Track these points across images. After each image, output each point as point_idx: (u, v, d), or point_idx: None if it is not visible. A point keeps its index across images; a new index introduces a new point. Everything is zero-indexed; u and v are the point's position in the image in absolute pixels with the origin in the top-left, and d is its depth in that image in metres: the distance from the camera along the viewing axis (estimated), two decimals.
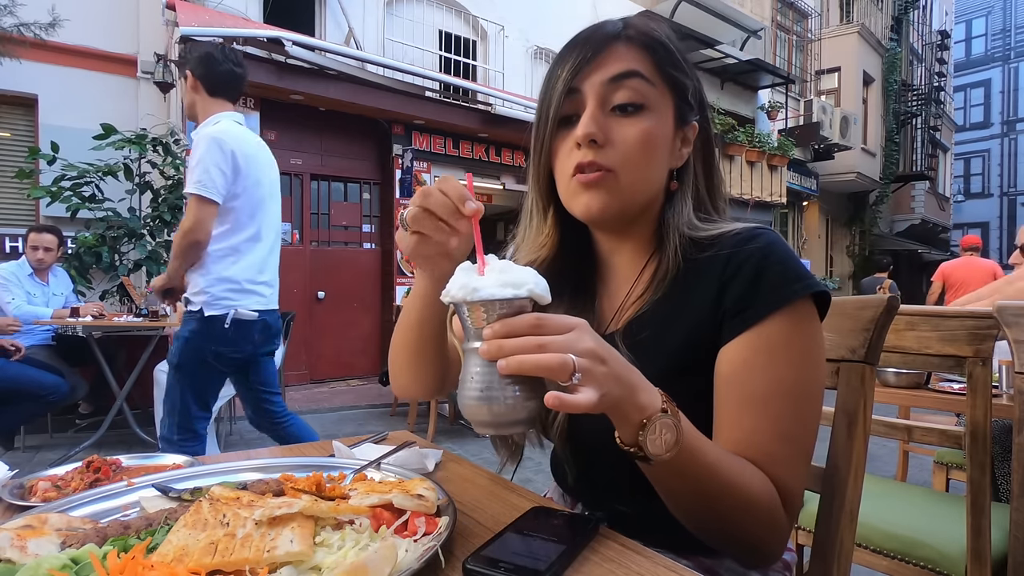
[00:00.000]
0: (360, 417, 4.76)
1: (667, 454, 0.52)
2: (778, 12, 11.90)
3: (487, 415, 0.48)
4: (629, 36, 0.67)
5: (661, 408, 0.52)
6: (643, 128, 0.65)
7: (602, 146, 0.64)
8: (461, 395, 0.50)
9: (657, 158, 0.67)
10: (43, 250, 3.52)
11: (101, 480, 0.71)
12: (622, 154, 0.64)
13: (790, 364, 0.60)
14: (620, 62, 0.65)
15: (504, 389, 0.47)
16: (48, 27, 4.36)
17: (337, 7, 6.09)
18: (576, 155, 0.65)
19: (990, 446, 1.06)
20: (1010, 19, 25.12)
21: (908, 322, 1.07)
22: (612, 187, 0.65)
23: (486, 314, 0.47)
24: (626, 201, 0.66)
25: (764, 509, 0.57)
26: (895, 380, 1.83)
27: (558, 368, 0.45)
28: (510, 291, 0.47)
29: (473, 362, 0.49)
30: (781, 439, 0.59)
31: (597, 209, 0.66)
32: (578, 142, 0.65)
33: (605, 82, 0.64)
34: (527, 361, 0.46)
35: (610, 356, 0.50)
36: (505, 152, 7.15)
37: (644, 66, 0.65)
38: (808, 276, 0.61)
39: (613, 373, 0.49)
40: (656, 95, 0.66)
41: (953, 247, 22.43)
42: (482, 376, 0.48)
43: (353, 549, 0.45)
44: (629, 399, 0.51)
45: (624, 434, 0.52)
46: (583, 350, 0.47)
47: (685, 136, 0.70)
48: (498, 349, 0.47)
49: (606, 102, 0.65)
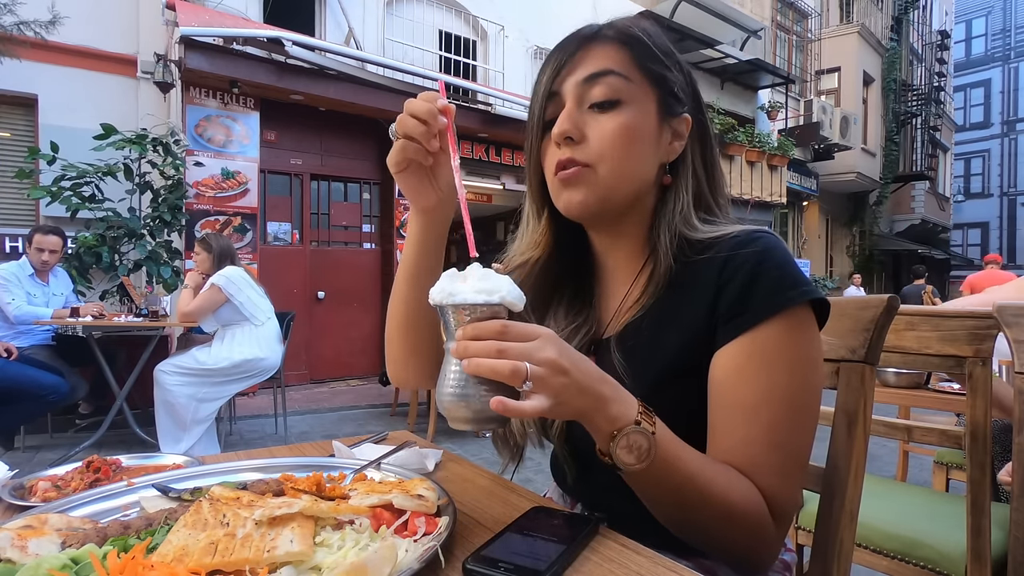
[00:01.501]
0: (360, 417, 4.76)
1: (638, 465, 0.53)
2: (778, 12, 11.90)
3: (461, 412, 0.51)
4: (606, 35, 0.68)
5: (635, 420, 0.52)
6: (619, 122, 0.65)
7: (578, 143, 0.66)
8: (439, 392, 0.53)
9: (637, 151, 0.67)
10: (48, 252, 3.52)
11: (101, 480, 0.71)
12: (598, 148, 0.65)
13: (784, 372, 0.59)
14: (594, 61, 0.66)
15: (476, 388, 0.50)
16: (48, 25, 4.34)
17: (337, 7, 6.09)
18: (556, 154, 0.67)
19: (990, 446, 1.06)
20: (1010, 19, 25.12)
21: (908, 322, 1.07)
22: (590, 181, 0.66)
23: (463, 317, 0.51)
24: (606, 195, 0.67)
25: (748, 520, 0.57)
26: (895, 380, 1.83)
27: (509, 374, 0.47)
28: (483, 297, 0.50)
29: (451, 361, 0.52)
30: (774, 448, 0.59)
31: (576, 204, 0.67)
32: (556, 141, 0.67)
33: (580, 82, 0.66)
34: (483, 364, 0.48)
35: (574, 368, 0.50)
36: (505, 152, 7.15)
37: (620, 62, 0.66)
38: (805, 283, 0.61)
39: (575, 384, 0.50)
40: (634, 90, 0.66)
41: (954, 247, 22.46)
42: (457, 375, 0.51)
43: (353, 549, 0.45)
44: (597, 410, 0.52)
45: (598, 443, 0.55)
46: (541, 359, 0.49)
47: (675, 130, 0.70)
48: (464, 350, 0.50)
49: (583, 101, 0.66)
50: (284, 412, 4.05)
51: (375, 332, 6.52)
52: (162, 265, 4.38)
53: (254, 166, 5.58)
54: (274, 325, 3.46)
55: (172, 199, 4.51)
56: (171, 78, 5.00)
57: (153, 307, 3.60)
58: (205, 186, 5.30)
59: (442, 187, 0.68)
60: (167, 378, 3.13)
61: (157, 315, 3.56)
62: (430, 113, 0.62)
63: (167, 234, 4.60)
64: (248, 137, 5.53)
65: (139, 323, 3.44)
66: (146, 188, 4.51)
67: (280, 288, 5.47)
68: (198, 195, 5.25)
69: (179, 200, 4.57)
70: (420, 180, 0.67)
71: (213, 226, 5.30)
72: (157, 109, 5.21)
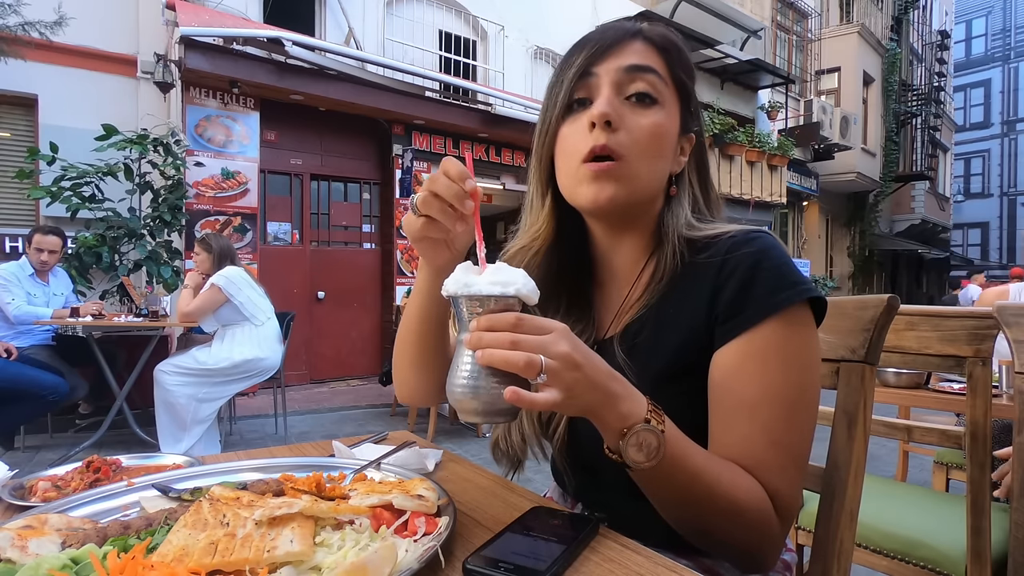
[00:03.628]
0: (360, 417, 4.76)
1: (647, 463, 0.53)
2: (778, 12, 11.90)
3: (471, 403, 0.51)
4: (646, 36, 0.68)
5: (644, 418, 0.53)
6: (656, 120, 0.65)
7: (615, 130, 0.64)
8: (450, 383, 0.53)
9: (665, 153, 0.68)
10: (48, 252, 3.52)
11: (101, 480, 0.71)
12: (634, 141, 0.64)
13: (782, 370, 0.59)
14: (638, 55, 0.66)
15: (487, 380, 0.50)
16: (54, 25, 4.34)
17: (337, 7, 6.09)
18: (588, 137, 0.65)
19: (990, 446, 1.06)
20: (1010, 19, 25.12)
21: (908, 322, 1.07)
22: (622, 175, 0.65)
23: (476, 308, 0.51)
24: (633, 190, 0.66)
25: (753, 516, 0.57)
26: (895, 380, 1.83)
27: (524, 366, 0.47)
28: (498, 289, 0.50)
29: (463, 352, 0.52)
30: (773, 446, 0.59)
31: (605, 199, 0.65)
32: (593, 120, 0.64)
33: (622, 69, 0.65)
34: (496, 355, 0.48)
35: (587, 363, 0.50)
36: (505, 152, 7.15)
37: (659, 65, 0.67)
38: (802, 281, 0.61)
39: (588, 379, 0.50)
40: (668, 95, 0.67)
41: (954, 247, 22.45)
42: (469, 367, 0.51)
43: (353, 549, 0.45)
44: (608, 407, 0.52)
45: (608, 440, 0.55)
46: (555, 353, 0.49)
47: (683, 145, 0.71)
48: (478, 340, 0.49)
49: (621, 89, 0.66)
50: (284, 412, 4.04)
51: (375, 332, 6.52)
52: (162, 265, 4.37)
53: (254, 166, 5.57)
54: (274, 325, 3.46)
55: (172, 199, 4.51)
56: (171, 78, 5.00)
57: (153, 307, 3.60)
58: (205, 186, 5.30)
59: (458, 249, 0.65)
60: (167, 378, 3.13)
61: (157, 315, 3.56)
62: (457, 198, 0.57)
63: (167, 234, 4.60)
64: (248, 137, 5.53)
65: (139, 323, 3.44)
66: (146, 188, 4.51)
67: (280, 288, 5.47)
68: (198, 195, 5.24)
69: (179, 200, 4.56)
70: (436, 246, 0.64)
71: (213, 226, 5.30)
72: (157, 109, 5.21)
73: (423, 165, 6.62)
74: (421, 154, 6.57)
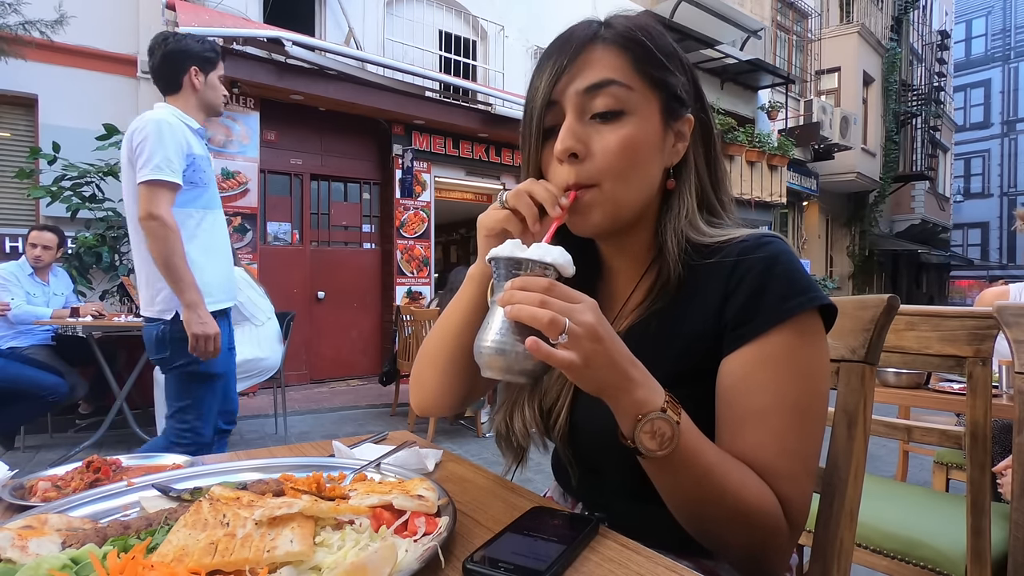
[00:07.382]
0: (360, 417, 4.76)
1: (659, 452, 0.53)
2: (778, 12, 11.90)
3: (497, 361, 0.53)
4: (605, 38, 0.64)
5: (661, 407, 0.53)
6: (623, 134, 0.63)
7: (583, 159, 0.63)
8: (478, 341, 0.55)
9: (642, 163, 0.65)
10: (41, 248, 3.52)
11: (101, 480, 0.71)
12: (605, 164, 0.63)
13: (792, 378, 0.59)
14: (595, 69, 0.63)
15: (513, 338, 0.53)
16: (54, 24, 4.33)
17: (337, 7, 6.09)
18: (560, 172, 0.65)
19: (990, 446, 1.06)
20: (1010, 19, 25.13)
21: (908, 322, 1.07)
22: (598, 201, 0.64)
23: (514, 270, 0.55)
24: (615, 212, 0.65)
25: (761, 519, 0.57)
26: (895, 380, 1.83)
27: (548, 322, 0.49)
28: (537, 253, 0.55)
29: (495, 311, 0.55)
30: (784, 454, 0.59)
31: (590, 228, 0.66)
32: (559, 158, 0.64)
33: (580, 92, 0.63)
34: (524, 310, 0.50)
35: (609, 340, 0.52)
36: (505, 152, 7.16)
37: (621, 70, 0.63)
38: (813, 289, 0.60)
39: (607, 355, 0.51)
40: (637, 98, 0.64)
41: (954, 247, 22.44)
42: (499, 324, 0.54)
43: (353, 549, 0.45)
44: (623, 389, 0.53)
45: (622, 425, 0.55)
46: (580, 320, 0.50)
47: (679, 131, 0.68)
48: (510, 297, 0.52)
49: (584, 112, 0.64)
50: (284, 412, 4.05)
51: (375, 332, 6.52)
52: None
53: (254, 166, 5.57)
54: (274, 325, 3.46)
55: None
56: None
57: None
58: None
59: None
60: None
61: None
62: (550, 200, 0.61)
63: None
64: (248, 137, 5.53)
65: (139, 323, 3.42)
66: None
67: (280, 288, 5.47)
68: None
69: None
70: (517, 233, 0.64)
71: None
72: None
73: (423, 165, 6.62)
74: (421, 154, 6.57)
